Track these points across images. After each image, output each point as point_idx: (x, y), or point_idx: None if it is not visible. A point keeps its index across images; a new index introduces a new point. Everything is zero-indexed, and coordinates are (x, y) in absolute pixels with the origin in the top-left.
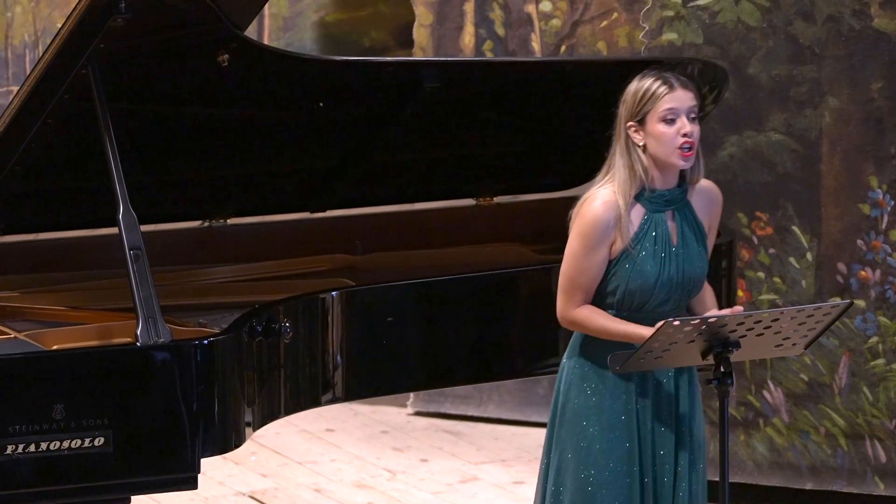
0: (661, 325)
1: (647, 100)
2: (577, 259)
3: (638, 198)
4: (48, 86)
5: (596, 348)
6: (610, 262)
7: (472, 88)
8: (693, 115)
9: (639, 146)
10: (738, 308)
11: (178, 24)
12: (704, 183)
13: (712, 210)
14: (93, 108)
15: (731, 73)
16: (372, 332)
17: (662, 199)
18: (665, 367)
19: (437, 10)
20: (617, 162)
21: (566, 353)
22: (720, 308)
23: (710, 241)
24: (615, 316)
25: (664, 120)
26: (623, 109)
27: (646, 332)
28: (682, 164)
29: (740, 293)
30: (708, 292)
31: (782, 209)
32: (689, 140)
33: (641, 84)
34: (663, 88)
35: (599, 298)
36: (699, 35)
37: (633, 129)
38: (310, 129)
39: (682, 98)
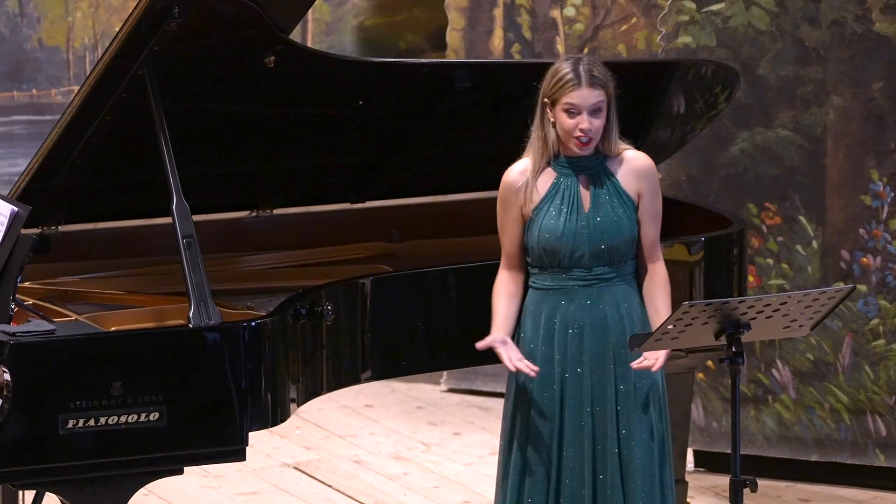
0: (679, 308)
1: (557, 87)
2: (499, 219)
3: (551, 163)
4: (106, 85)
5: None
6: (526, 223)
7: (501, 88)
8: (598, 110)
9: (550, 121)
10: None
11: (228, 28)
12: (631, 154)
13: (639, 179)
14: (148, 106)
15: (742, 74)
16: (407, 314)
17: (574, 164)
18: (682, 347)
19: (469, 15)
20: (533, 132)
21: None
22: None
23: (649, 208)
24: (539, 272)
25: (566, 111)
26: (543, 84)
27: (496, 333)
28: (578, 151)
29: (751, 278)
30: (661, 294)
31: (790, 200)
32: (585, 135)
33: (559, 69)
34: (571, 83)
35: (526, 256)
36: (712, 38)
37: (546, 105)
38: (350, 126)
39: (585, 96)
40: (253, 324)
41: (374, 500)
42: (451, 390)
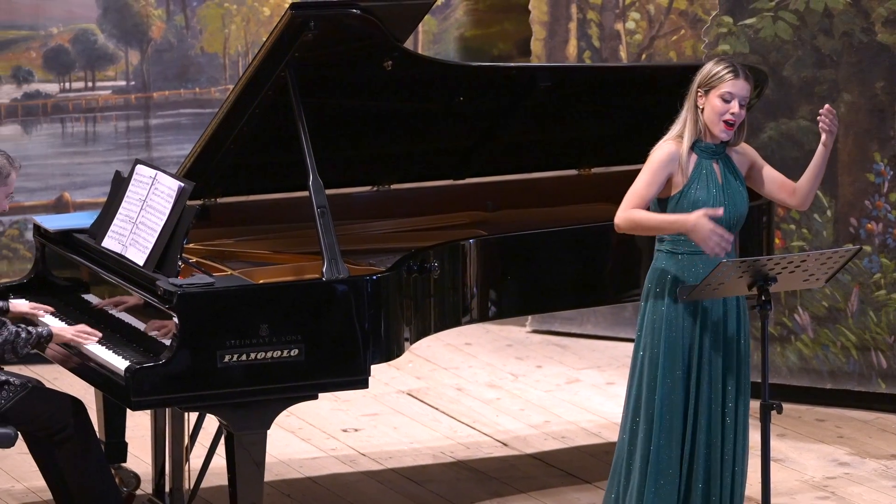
0: (718, 265)
1: (715, 77)
2: (644, 177)
3: (692, 147)
4: (256, 84)
5: (668, 268)
6: (673, 196)
7: (575, 86)
8: (744, 103)
9: (699, 108)
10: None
11: (354, 37)
12: (741, 146)
13: (744, 154)
14: (289, 101)
15: (770, 75)
16: (499, 270)
17: (710, 150)
18: (720, 297)
19: (549, 27)
20: (686, 115)
21: (647, 279)
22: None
23: (762, 163)
24: (679, 241)
25: (721, 97)
26: (697, 77)
27: (683, 218)
28: (722, 135)
29: (777, 241)
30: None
31: None
32: (733, 118)
33: (716, 65)
34: (730, 75)
35: None
36: (746, 46)
37: (699, 94)
38: (452, 117)
39: (740, 86)
40: (374, 277)
41: (472, 420)
42: (534, 331)
